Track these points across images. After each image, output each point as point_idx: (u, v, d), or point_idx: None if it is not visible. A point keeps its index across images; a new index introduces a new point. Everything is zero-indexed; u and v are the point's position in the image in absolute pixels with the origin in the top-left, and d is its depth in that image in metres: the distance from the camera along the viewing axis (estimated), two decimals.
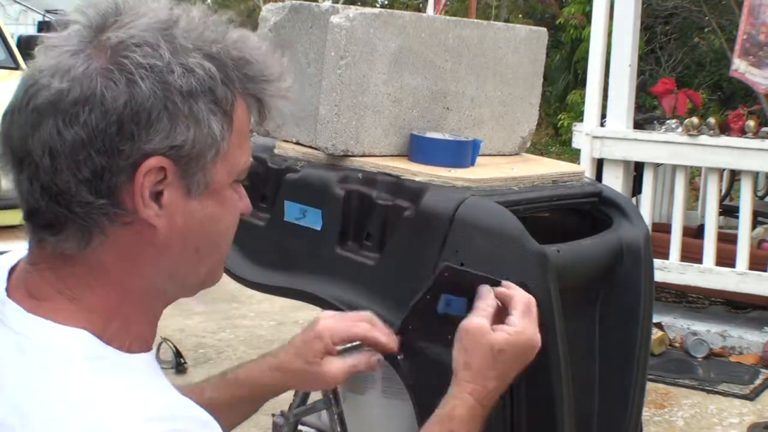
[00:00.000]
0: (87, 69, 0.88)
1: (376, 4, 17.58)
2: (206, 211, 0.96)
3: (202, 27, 0.94)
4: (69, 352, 0.89)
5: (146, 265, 0.95)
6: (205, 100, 0.92)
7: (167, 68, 0.89)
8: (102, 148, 0.88)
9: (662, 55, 13.81)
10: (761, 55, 4.91)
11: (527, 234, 1.41)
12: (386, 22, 1.58)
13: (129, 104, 0.88)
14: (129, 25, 0.91)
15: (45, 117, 0.88)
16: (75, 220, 0.90)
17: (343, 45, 1.54)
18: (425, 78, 1.66)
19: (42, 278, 0.94)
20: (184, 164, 0.92)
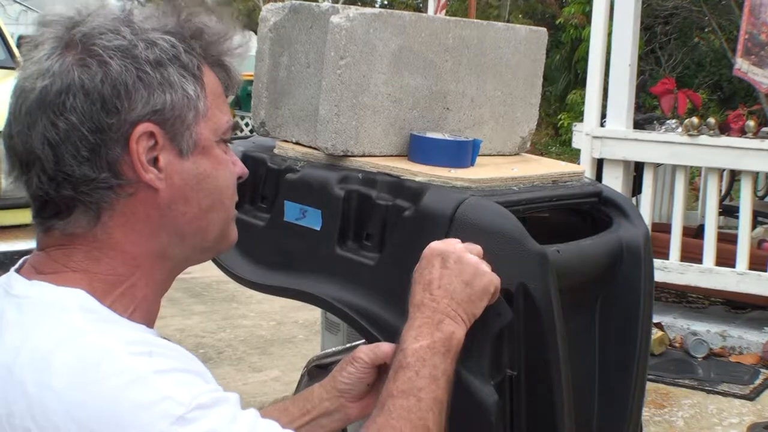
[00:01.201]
0: (63, 63, 0.98)
1: (375, 4, 17.58)
2: (200, 169, 1.05)
3: (155, 14, 1.05)
4: (64, 305, 0.96)
5: (154, 229, 1.03)
6: (173, 67, 1.02)
7: (131, 45, 1.00)
8: (93, 127, 0.98)
9: (662, 55, 13.81)
10: (763, 55, 4.92)
11: (527, 234, 1.41)
12: (386, 22, 1.58)
13: (105, 81, 0.98)
14: (91, 22, 1.01)
15: (37, 115, 0.98)
16: (83, 200, 0.99)
17: (343, 45, 1.54)
18: (425, 78, 1.66)
19: (49, 257, 1.02)
20: (169, 126, 1.02)
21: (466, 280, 1.27)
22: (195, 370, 0.96)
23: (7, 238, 3.39)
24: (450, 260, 1.28)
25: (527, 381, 1.39)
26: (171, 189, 1.03)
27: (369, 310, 1.48)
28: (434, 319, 1.24)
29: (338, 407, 1.32)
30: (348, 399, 1.32)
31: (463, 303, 1.26)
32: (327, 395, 1.32)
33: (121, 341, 0.94)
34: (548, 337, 1.40)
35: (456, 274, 1.27)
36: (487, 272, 1.30)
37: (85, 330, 0.94)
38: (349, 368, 1.33)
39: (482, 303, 1.29)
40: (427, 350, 1.21)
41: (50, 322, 0.95)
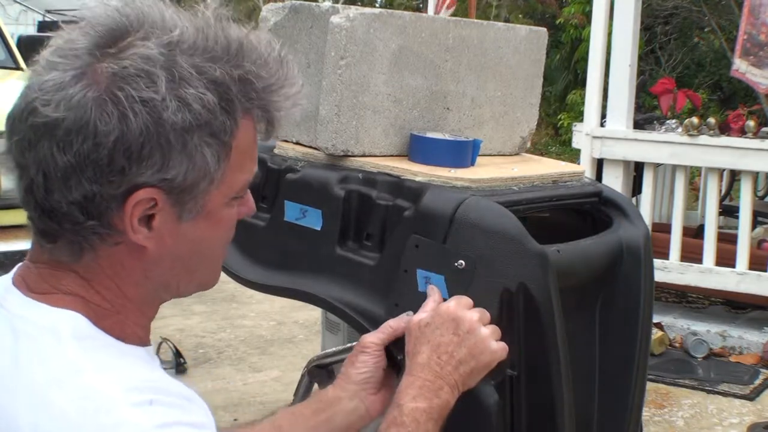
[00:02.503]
0: (83, 98, 0.89)
1: (375, 4, 17.58)
2: (198, 233, 0.98)
3: (207, 41, 0.93)
4: (58, 332, 0.92)
5: (138, 279, 0.98)
6: (200, 134, 0.92)
7: (162, 103, 0.89)
8: (93, 177, 0.90)
9: (662, 55, 13.81)
10: (762, 55, 4.91)
11: (527, 234, 1.41)
12: (386, 22, 1.58)
13: (120, 140, 0.89)
14: (130, 50, 0.90)
15: (40, 138, 0.90)
16: (66, 235, 0.93)
17: (344, 45, 1.54)
18: (425, 78, 1.66)
19: (40, 275, 0.97)
20: (176, 194, 0.93)
21: (474, 354, 1.28)
22: (196, 422, 0.91)
23: (7, 238, 3.38)
24: (462, 328, 1.29)
25: (527, 381, 1.39)
26: (160, 248, 0.95)
27: (369, 310, 1.48)
28: (435, 385, 1.25)
29: (358, 404, 1.31)
30: (369, 391, 1.31)
31: (464, 375, 1.28)
32: (344, 393, 1.31)
33: (120, 386, 0.89)
34: (548, 337, 1.40)
35: (466, 345, 1.28)
36: (495, 349, 1.30)
37: (82, 367, 0.89)
38: (362, 357, 1.32)
39: (480, 377, 1.31)
40: (423, 413, 1.22)
41: (46, 355, 0.91)
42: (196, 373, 4.13)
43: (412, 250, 1.43)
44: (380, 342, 1.34)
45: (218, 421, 0.98)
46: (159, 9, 0.94)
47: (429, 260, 1.41)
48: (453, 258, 1.39)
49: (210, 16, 0.96)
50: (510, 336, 1.38)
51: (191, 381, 3.97)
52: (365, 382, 1.31)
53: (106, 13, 0.93)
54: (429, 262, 1.41)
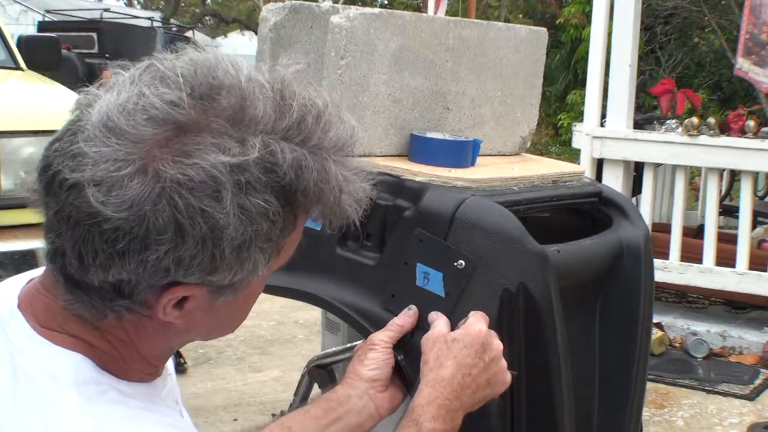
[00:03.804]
0: (138, 198, 0.80)
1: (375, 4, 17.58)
2: (230, 310, 0.94)
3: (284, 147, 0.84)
4: (59, 378, 0.87)
5: (158, 342, 0.94)
6: (257, 243, 0.85)
7: (225, 219, 0.81)
8: (134, 270, 0.83)
9: (662, 55, 13.81)
10: (764, 54, 4.92)
11: (527, 234, 1.41)
12: (386, 22, 1.58)
13: (172, 251, 0.82)
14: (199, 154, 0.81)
15: (82, 222, 0.82)
16: (94, 304, 0.87)
17: (344, 45, 1.54)
18: (425, 78, 1.66)
19: (48, 309, 0.92)
20: (214, 290, 0.88)
21: (492, 383, 1.29)
22: None
23: (7, 238, 3.38)
24: (488, 355, 1.29)
25: (527, 381, 1.39)
26: (189, 322, 0.91)
27: (369, 310, 1.48)
28: (453, 405, 1.25)
29: (367, 402, 1.31)
30: (377, 389, 1.31)
31: (478, 400, 1.29)
32: (354, 391, 1.30)
33: None
34: (548, 337, 1.40)
35: (488, 372, 1.29)
36: (508, 382, 1.32)
37: (81, 426, 0.84)
38: (372, 355, 1.32)
39: (485, 401, 1.31)
40: None
41: (44, 404, 0.86)
42: (196, 373, 4.13)
43: (415, 244, 1.43)
44: (390, 340, 1.35)
45: (218, 421, 0.98)
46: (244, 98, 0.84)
47: (430, 256, 1.41)
48: (454, 256, 1.39)
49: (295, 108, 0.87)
50: (510, 336, 1.38)
51: (191, 381, 3.97)
52: (375, 380, 1.31)
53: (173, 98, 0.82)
54: (430, 258, 1.41)
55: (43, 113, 3.62)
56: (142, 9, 28.82)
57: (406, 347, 1.39)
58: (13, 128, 3.47)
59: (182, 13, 28.68)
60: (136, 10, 26.47)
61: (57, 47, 5.21)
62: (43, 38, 5.65)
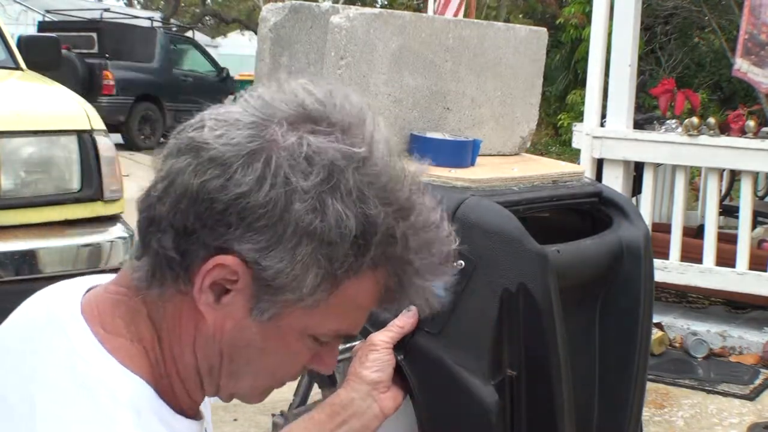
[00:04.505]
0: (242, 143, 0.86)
1: (375, 5, 17.58)
2: (258, 339, 0.93)
3: (386, 178, 0.89)
4: (116, 397, 0.88)
5: (189, 341, 0.95)
6: (317, 248, 0.86)
7: (303, 195, 0.85)
8: (201, 214, 0.86)
9: (662, 55, 13.81)
10: (763, 55, 4.92)
11: (527, 234, 1.41)
12: (386, 22, 1.58)
13: (244, 197, 0.85)
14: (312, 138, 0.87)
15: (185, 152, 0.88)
16: (148, 255, 0.91)
17: (343, 45, 1.54)
18: (425, 78, 1.66)
19: (116, 307, 0.94)
20: (258, 285, 0.88)
21: None
22: None
23: (7, 238, 3.38)
24: None
25: (527, 381, 1.39)
26: (215, 327, 0.92)
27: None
28: None
29: (371, 403, 1.29)
30: (380, 390, 1.30)
31: None
32: (357, 393, 1.29)
33: None
34: (548, 337, 1.40)
35: None
36: None
37: None
38: (374, 356, 1.32)
39: None
40: None
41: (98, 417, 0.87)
42: None
43: None
44: (390, 341, 1.34)
45: (218, 421, 0.98)
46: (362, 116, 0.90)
47: None
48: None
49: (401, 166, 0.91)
50: (510, 336, 1.38)
51: None
52: (378, 382, 1.31)
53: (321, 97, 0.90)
54: None
55: (43, 113, 3.62)
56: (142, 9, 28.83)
57: (406, 347, 1.39)
58: (13, 128, 3.47)
59: (182, 13, 28.68)
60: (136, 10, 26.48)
61: (57, 47, 5.22)
62: (43, 38, 5.66)
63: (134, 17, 17.47)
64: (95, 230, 3.62)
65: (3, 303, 1.14)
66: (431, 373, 1.37)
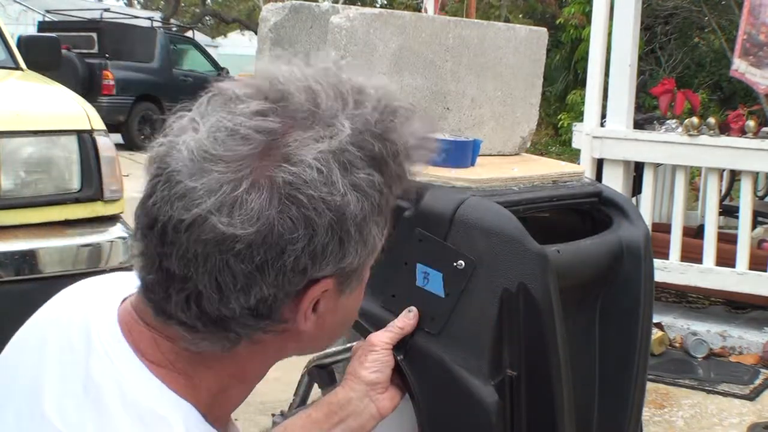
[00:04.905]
0: (265, 211, 0.82)
1: (375, 5, 17.58)
2: (351, 305, 0.97)
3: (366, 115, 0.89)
4: (170, 424, 0.88)
5: (282, 356, 0.96)
6: (373, 217, 0.89)
7: (344, 199, 0.85)
8: (273, 282, 0.85)
9: (662, 55, 13.81)
10: (761, 55, 4.91)
11: (527, 234, 1.41)
12: (386, 22, 1.58)
13: (307, 246, 0.84)
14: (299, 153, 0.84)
15: (213, 252, 0.83)
16: (229, 336, 0.88)
17: (344, 45, 1.54)
18: (425, 78, 1.66)
19: (154, 341, 0.92)
20: (345, 278, 0.91)
21: None
22: None
23: (7, 238, 3.38)
24: None
25: (527, 381, 1.39)
26: (317, 328, 0.93)
27: (369, 310, 1.48)
28: None
29: (368, 403, 1.30)
30: (378, 390, 1.30)
31: None
32: (355, 393, 1.29)
33: None
34: (548, 337, 1.40)
35: None
36: None
37: None
38: (373, 356, 1.32)
39: None
40: None
41: None
42: None
43: (415, 244, 1.43)
44: (390, 341, 1.34)
45: None
46: (310, 88, 0.89)
47: (430, 256, 1.41)
48: (454, 257, 1.39)
49: (347, 85, 0.91)
50: (510, 336, 1.38)
51: None
52: (376, 382, 1.31)
53: (255, 109, 0.86)
54: (429, 258, 1.41)
55: (43, 113, 3.62)
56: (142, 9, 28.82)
57: (406, 347, 1.39)
58: (13, 128, 3.47)
59: (182, 13, 28.67)
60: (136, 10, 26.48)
61: (57, 47, 5.21)
62: (43, 38, 5.65)
63: (134, 17, 17.47)
64: (95, 230, 3.62)
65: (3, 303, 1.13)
66: (431, 373, 1.37)
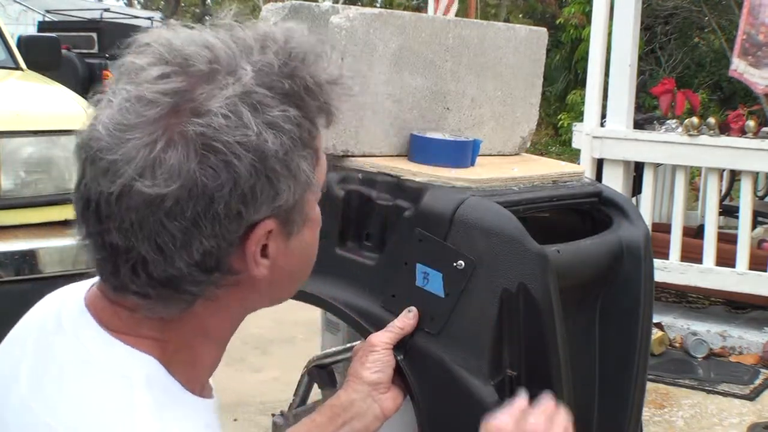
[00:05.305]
0: (183, 163, 0.84)
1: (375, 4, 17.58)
2: (304, 243, 0.97)
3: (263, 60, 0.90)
4: (131, 379, 0.89)
5: (245, 309, 0.97)
6: (297, 152, 0.90)
7: (260, 138, 0.86)
8: (211, 233, 0.87)
9: (662, 55, 13.81)
10: (760, 56, 4.91)
11: (527, 234, 1.41)
12: (386, 22, 1.58)
13: (234, 190, 0.86)
14: (207, 105, 0.86)
15: (146, 215, 0.85)
16: (181, 296, 0.90)
17: (343, 45, 1.54)
18: (425, 78, 1.66)
19: (116, 314, 0.93)
20: (285, 215, 0.92)
21: None
22: None
23: (7, 238, 3.38)
24: None
25: (527, 381, 1.39)
26: (273, 272, 0.94)
27: (369, 310, 1.48)
28: None
29: (371, 404, 1.30)
30: (380, 390, 1.31)
31: None
32: (357, 395, 1.29)
33: None
34: (548, 337, 1.40)
35: None
36: None
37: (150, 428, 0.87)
38: (373, 357, 1.32)
39: None
40: None
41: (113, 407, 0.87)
42: None
43: (415, 244, 1.43)
44: (390, 341, 1.34)
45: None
46: (206, 44, 0.89)
47: (430, 256, 1.41)
48: (454, 257, 1.39)
49: (250, 35, 0.91)
50: (510, 336, 1.38)
51: None
52: (378, 382, 1.31)
53: (157, 73, 0.87)
54: (430, 258, 1.41)
55: (43, 113, 3.62)
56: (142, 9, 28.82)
57: (406, 348, 1.39)
58: (13, 128, 3.47)
59: (182, 13, 28.68)
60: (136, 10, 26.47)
61: (57, 47, 5.22)
62: (43, 38, 5.65)
63: (134, 17, 17.46)
64: None
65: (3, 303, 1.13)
66: (431, 373, 1.37)
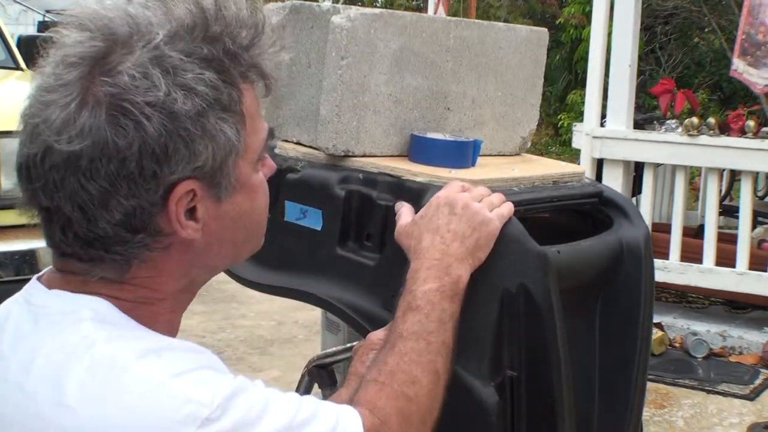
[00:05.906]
0: (95, 122, 0.89)
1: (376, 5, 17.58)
2: (238, 209, 1.00)
3: (183, 25, 0.93)
4: (79, 313, 0.92)
5: (185, 270, 0.99)
6: (214, 113, 0.93)
7: (169, 98, 0.90)
8: (128, 192, 0.90)
9: (662, 55, 13.80)
10: (759, 55, 4.91)
11: (527, 235, 1.41)
12: (387, 23, 1.58)
13: (143, 147, 0.89)
14: (119, 67, 0.91)
15: (65, 175, 0.90)
16: (113, 257, 0.93)
17: (344, 45, 1.54)
18: (426, 78, 1.66)
19: (65, 279, 0.97)
20: (209, 178, 0.94)
21: (474, 225, 1.29)
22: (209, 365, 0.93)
23: (7, 238, 3.38)
24: (458, 207, 1.30)
25: (527, 381, 1.39)
26: (207, 236, 0.97)
27: (369, 310, 1.48)
28: (443, 263, 1.25)
29: None
30: None
31: (471, 247, 1.28)
32: None
33: (129, 348, 0.90)
34: (548, 338, 1.40)
35: (464, 219, 1.29)
36: (493, 219, 1.31)
37: (93, 338, 0.90)
38: (372, 355, 1.32)
39: (488, 249, 1.31)
40: (436, 293, 1.22)
41: (62, 333, 0.92)
42: None
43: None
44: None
45: None
46: (127, 12, 0.94)
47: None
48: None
49: (183, 6, 0.95)
50: (510, 337, 1.38)
51: None
52: None
53: (79, 39, 0.93)
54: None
55: None
56: None
57: None
58: (13, 128, 3.46)
59: None
60: None
61: None
62: (43, 38, 5.64)
63: None
64: None
65: None
66: None
